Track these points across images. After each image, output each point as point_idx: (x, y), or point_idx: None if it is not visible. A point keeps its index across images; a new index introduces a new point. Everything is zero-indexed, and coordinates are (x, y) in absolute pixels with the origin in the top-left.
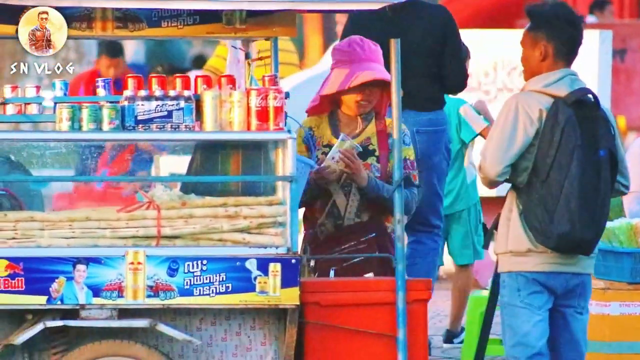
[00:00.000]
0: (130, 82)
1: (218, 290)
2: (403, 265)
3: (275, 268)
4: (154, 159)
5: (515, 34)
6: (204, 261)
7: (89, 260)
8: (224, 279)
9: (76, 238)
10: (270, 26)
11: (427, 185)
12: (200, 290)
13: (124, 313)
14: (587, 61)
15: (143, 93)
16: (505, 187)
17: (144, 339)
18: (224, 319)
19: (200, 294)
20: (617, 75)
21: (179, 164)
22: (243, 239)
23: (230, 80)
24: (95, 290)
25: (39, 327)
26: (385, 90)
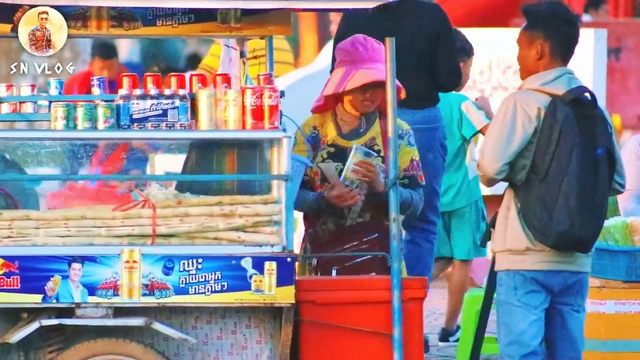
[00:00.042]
0: (125, 81)
1: (213, 289)
2: (398, 264)
3: (270, 266)
4: (149, 157)
5: (510, 33)
6: (200, 260)
7: (84, 259)
8: (220, 278)
9: (71, 237)
10: (265, 25)
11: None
12: (195, 288)
13: (119, 311)
14: (582, 60)
15: (138, 92)
16: (502, 186)
17: (140, 338)
18: (220, 317)
19: (195, 293)
20: (612, 74)
21: (174, 162)
22: (238, 237)
23: (226, 79)
24: (91, 289)
25: (35, 326)
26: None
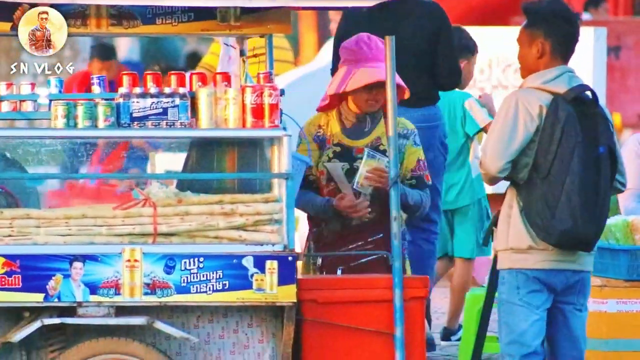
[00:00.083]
0: (125, 80)
1: (215, 288)
2: (400, 263)
3: (272, 265)
4: (149, 156)
5: (510, 31)
6: (201, 258)
7: (85, 258)
8: (221, 277)
9: (72, 235)
10: (264, 23)
11: None
12: (197, 287)
13: (121, 310)
14: (582, 58)
15: (138, 90)
16: (504, 184)
17: (142, 337)
18: (221, 316)
19: (197, 292)
20: (612, 73)
21: (174, 161)
22: (239, 236)
23: (226, 77)
24: (92, 288)
25: (37, 325)
26: (396, 88)
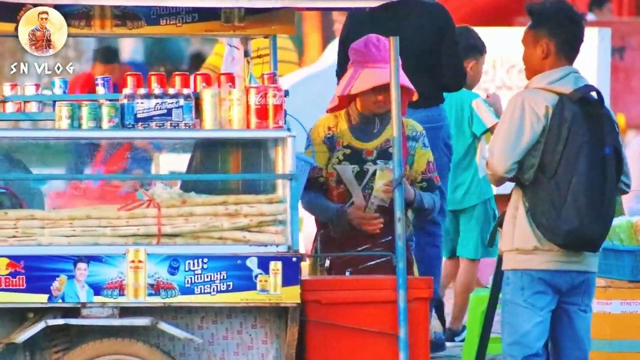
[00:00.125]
0: (130, 80)
1: (219, 289)
2: (404, 264)
3: (276, 266)
4: (153, 157)
5: (514, 32)
6: (205, 259)
7: (89, 259)
8: (225, 277)
9: (77, 236)
10: (269, 24)
11: None
12: (201, 288)
13: (125, 311)
14: (586, 59)
15: (142, 91)
16: (510, 185)
17: (146, 338)
18: (225, 317)
19: (201, 292)
20: (616, 73)
21: (178, 162)
22: (243, 237)
23: (230, 78)
24: (96, 289)
25: (41, 326)
26: (403, 90)
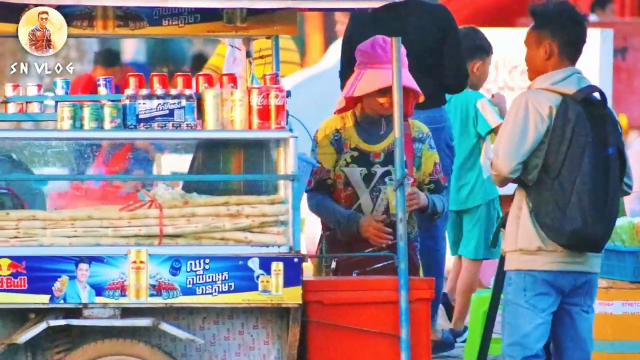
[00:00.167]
0: (132, 81)
1: (221, 289)
2: (405, 264)
3: (277, 267)
4: (155, 157)
5: (516, 33)
6: (207, 260)
7: (91, 259)
8: (227, 278)
9: (78, 237)
10: (271, 24)
11: None
12: (202, 289)
13: (126, 312)
14: (588, 60)
15: (144, 92)
16: (512, 186)
17: (147, 338)
18: (227, 318)
19: (202, 293)
20: (619, 74)
21: (180, 162)
22: (245, 237)
23: (232, 79)
24: (98, 289)
25: (42, 326)
26: (411, 92)
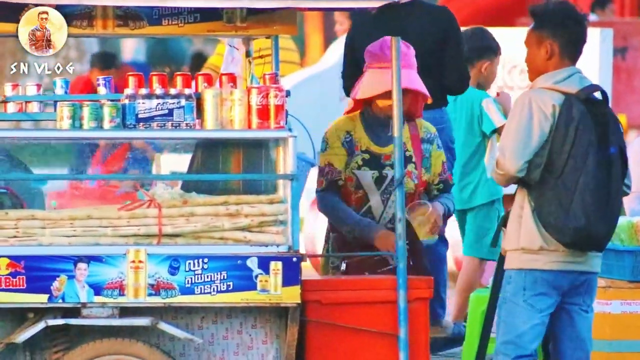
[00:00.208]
0: (131, 81)
1: (219, 289)
2: (404, 264)
3: (276, 266)
4: (154, 157)
5: (516, 33)
6: (205, 259)
7: (90, 259)
8: (225, 278)
9: (77, 236)
10: (270, 24)
11: None
12: (201, 288)
13: (125, 311)
14: (588, 59)
15: (144, 91)
16: (513, 185)
17: (146, 338)
18: (225, 317)
19: (201, 293)
20: (618, 74)
21: (180, 162)
22: (244, 237)
23: (231, 78)
24: (97, 289)
25: (41, 326)
26: (419, 93)
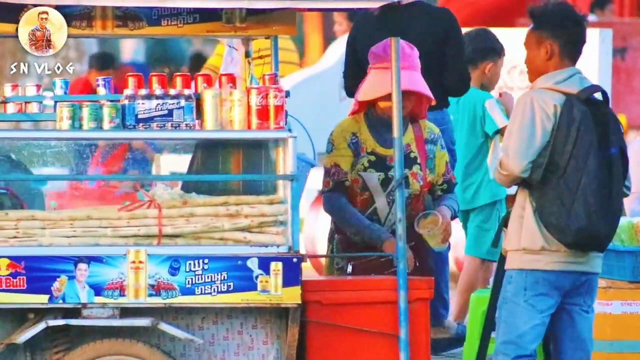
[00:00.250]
0: (131, 81)
1: (219, 289)
2: (405, 264)
3: (276, 267)
4: (154, 157)
5: (515, 33)
6: (206, 260)
7: (90, 259)
8: (226, 278)
9: (77, 237)
10: (270, 25)
11: None
12: (201, 289)
13: (125, 312)
14: (588, 60)
15: (143, 92)
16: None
17: (146, 338)
18: (226, 317)
19: (201, 293)
20: (618, 74)
21: (179, 162)
22: (244, 237)
23: (231, 79)
24: (97, 289)
25: (41, 326)
26: (422, 95)
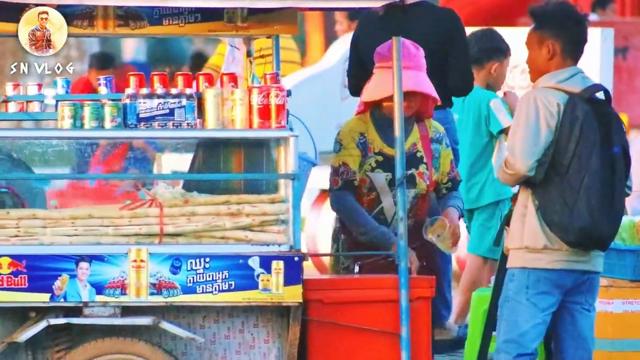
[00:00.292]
0: (132, 80)
1: (221, 288)
2: (406, 263)
3: (278, 266)
4: (155, 156)
5: (516, 32)
6: (207, 259)
7: (91, 258)
8: (227, 277)
9: (79, 236)
10: (271, 24)
11: None
12: (203, 287)
13: (127, 311)
14: (589, 59)
15: (145, 91)
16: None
17: (147, 337)
18: (227, 316)
19: (203, 292)
20: (619, 73)
21: (181, 161)
22: (245, 236)
23: (232, 78)
24: (98, 288)
25: (43, 325)
26: (428, 95)
